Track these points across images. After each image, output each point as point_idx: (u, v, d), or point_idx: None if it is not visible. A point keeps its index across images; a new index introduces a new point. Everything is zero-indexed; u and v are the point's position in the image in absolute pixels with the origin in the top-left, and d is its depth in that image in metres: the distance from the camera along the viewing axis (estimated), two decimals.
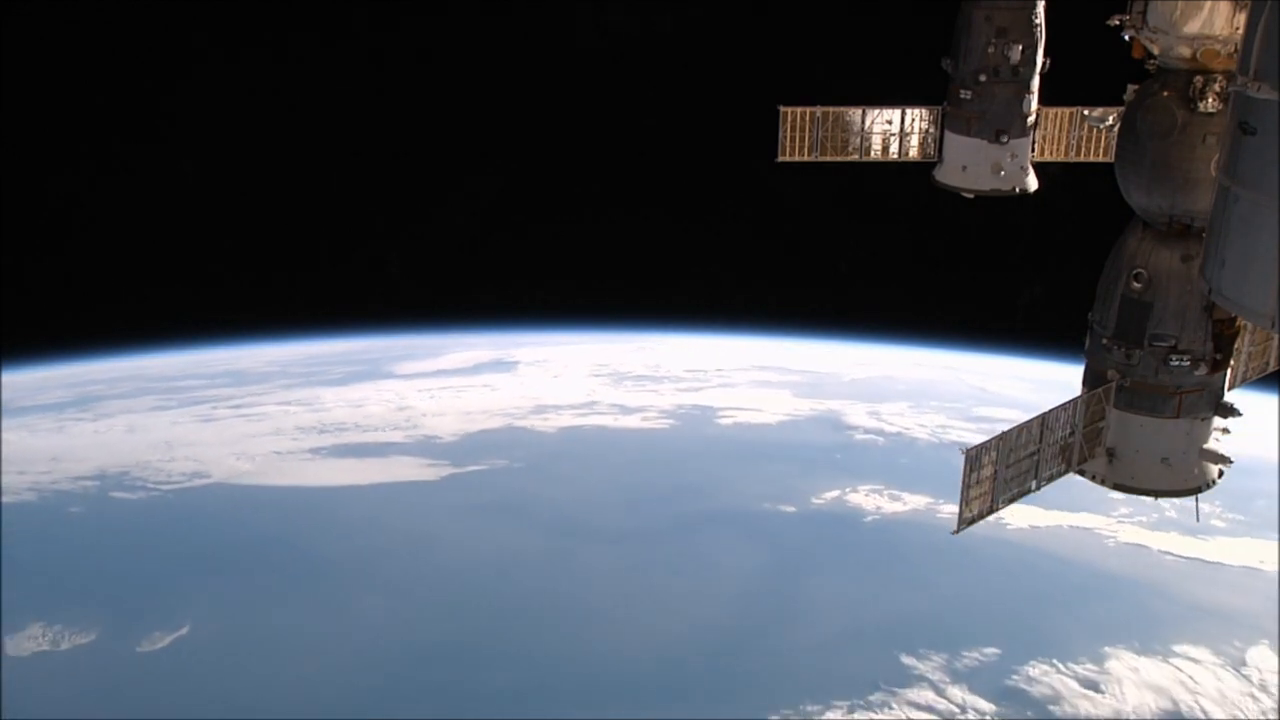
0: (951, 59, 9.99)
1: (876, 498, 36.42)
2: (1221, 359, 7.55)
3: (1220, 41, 7.05)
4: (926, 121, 10.42)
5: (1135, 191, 7.52)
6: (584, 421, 41.43)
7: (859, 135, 10.38)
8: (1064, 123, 10.28)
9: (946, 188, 10.44)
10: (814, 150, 10.34)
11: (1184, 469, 7.76)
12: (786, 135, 10.26)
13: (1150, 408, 7.62)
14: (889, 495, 36.52)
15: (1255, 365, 8.65)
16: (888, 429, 41.77)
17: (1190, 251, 7.27)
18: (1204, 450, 7.78)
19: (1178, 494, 7.84)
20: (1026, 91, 9.95)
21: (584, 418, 41.89)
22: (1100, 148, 10.21)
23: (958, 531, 7.42)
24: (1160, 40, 7.29)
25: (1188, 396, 7.56)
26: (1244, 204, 5.63)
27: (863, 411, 42.65)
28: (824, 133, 10.28)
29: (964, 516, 7.34)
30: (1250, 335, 8.26)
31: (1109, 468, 7.87)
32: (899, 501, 36.49)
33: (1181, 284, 7.32)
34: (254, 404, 44.29)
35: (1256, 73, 5.38)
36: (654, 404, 43.21)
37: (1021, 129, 10.06)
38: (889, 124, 10.43)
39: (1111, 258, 7.74)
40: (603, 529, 34.82)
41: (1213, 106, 7.05)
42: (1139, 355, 7.49)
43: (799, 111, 10.23)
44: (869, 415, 42.61)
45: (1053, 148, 10.35)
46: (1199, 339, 7.41)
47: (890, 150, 10.50)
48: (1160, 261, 7.40)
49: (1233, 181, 5.70)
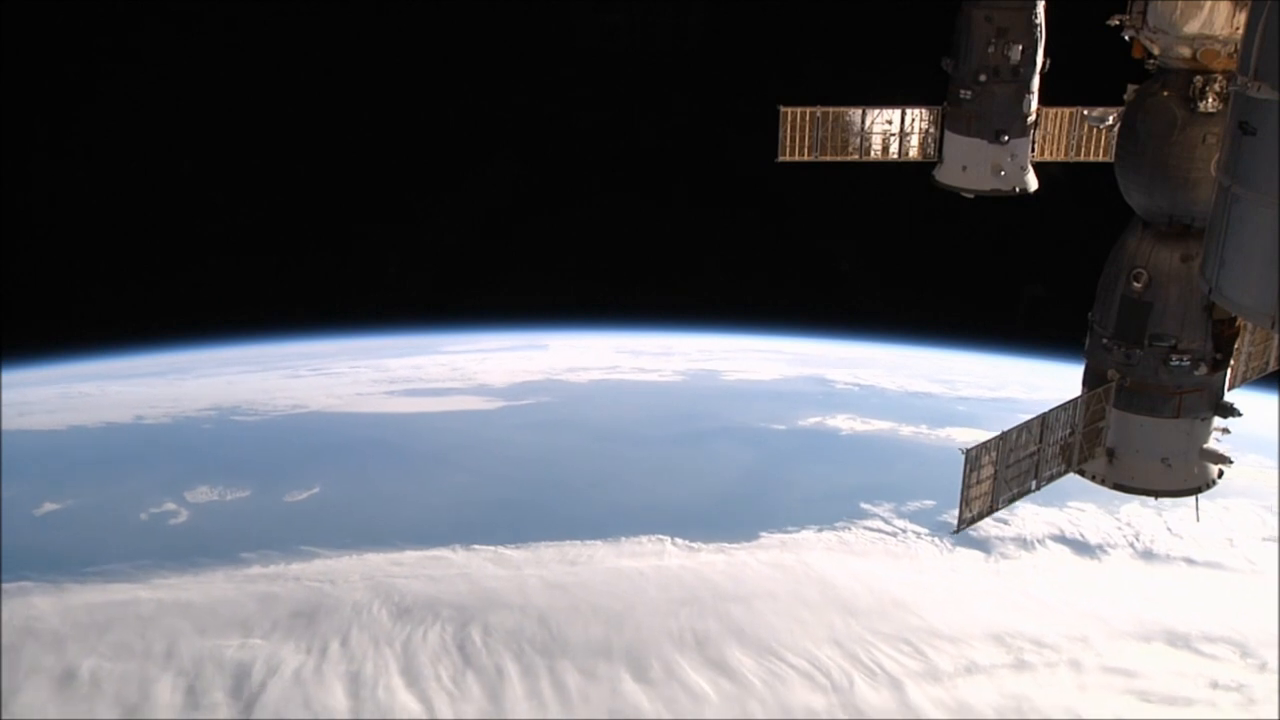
0: (951, 59, 9.98)
1: (850, 422, 45.05)
2: (1221, 359, 7.55)
3: (1220, 41, 7.06)
4: (926, 121, 10.41)
5: (1135, 191, 7.52)
6: (610, 377, 50.20)
7: (859, 135, 10.37)
8: (1064, 123, 10.27)
9: (946, 188, 10.44)
10: (814, 150, 10.33)
11: (1184, 469, 7.76)
12: (786, 135, 10.26)
13: (1150, 408, 7.62)
14: (860, 421, 45.31)
15: (1255, 365, 8.66)
16: (863, 383, 50.26)
17: (1190, 251, 7.27)
18: (1204, 450, 7.78)
19: (1178, 494, 7.85)
20: (1026, 91, 9.94)
21: (610, 375, 50.57)
22: (1100, 148, 10.21)
23: (958, 531, 7.42)
24: (1160, 40, 7.29)
25: (1188, 396, 7.56)
26: (1244, 204, 5.63)
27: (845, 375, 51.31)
28: (824, 133, 10.28)
29: (964, 516, 7.34)
30: (1250, 335, 8.26)
31: (1109, 468, 7.88)
32: (868, 424, 45.00)
33: (1181, 284, 7.32)
34: (327, 368, 52.00)
35: (1256, 73, 5.39)
36: (667, 368, 51.59)
37: (1021, 129, 10.05)
38: (889, 124, 10.42)
39: (1111, 258, 7.74)
40: (632, 435, 43.52)
41: (1213, 106, 7.06)
42: (1139, 355, 7.50)
43: (799, 111, 10.22)
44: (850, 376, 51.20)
45: (1053, 148, 10.34)
46: (1199, 339, 7.41)
47: (890, 150, 10.50)
48: (1160, 261, 7.40)
49: (1233, 181, 5.70)
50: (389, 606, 31.05)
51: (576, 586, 31.96)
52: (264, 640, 29.35)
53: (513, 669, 28.25)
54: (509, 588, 32.04)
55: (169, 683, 27.37)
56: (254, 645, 29.13)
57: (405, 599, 31.38)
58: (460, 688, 27.64)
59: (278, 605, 30.91)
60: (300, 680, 27.85)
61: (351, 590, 31.77)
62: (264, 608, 30.81)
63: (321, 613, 30.74)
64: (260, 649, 28.96)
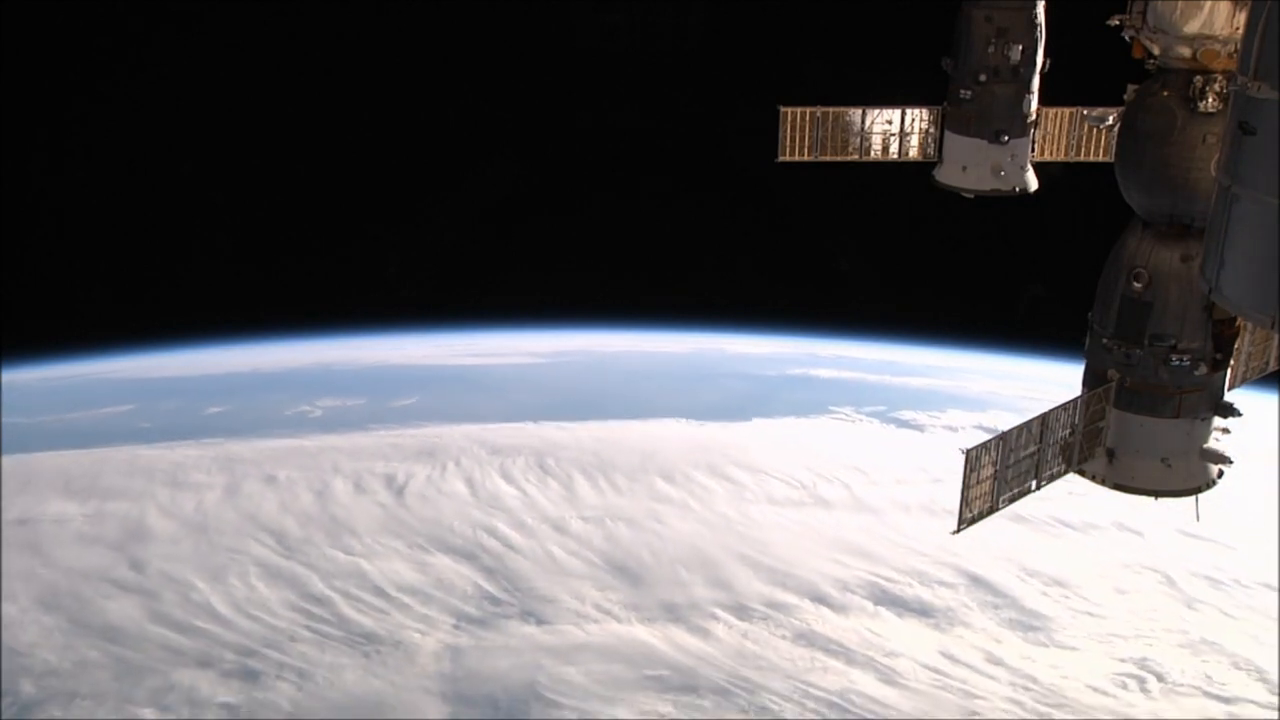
0: (951, 59, 9.97)
1: (833, 372, 53.09)
2: (1221, 359, 7.55)
3: (1220, 41, 7.06)
4: (926, 121, 10.40)
5: (1135, 191, 7.52)
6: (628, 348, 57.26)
7: (859, 135, 10.37)
8: (1064, 123, 10.26)
9: (946, 188, 10.43)
10: (814, 150, 10.32)
11: (1184, 469, 7.76)
12: (786, 135, 10.25)
13: (1150, 408, 7.62)
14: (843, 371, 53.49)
15: (1255, 365, 8.66)
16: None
17: (1190, 251, 7.26)
18: (1204, 450, 7.78)
19: (1178, 494, 7.85)
20: (1026, 91, 9.93)
21: None
22: (1100, 148, 10.20)
23: (958, 531, 7.42)
24: (1160, 40, 7.29)
25: (1188, 396, 7.56)
26: (1244, 204, 5.63)
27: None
28: (824, 133, 10.27)
29: (964, 517, 7.35)
30: (1250, 335, 8.26)
31: (1109, 468, 7.87)
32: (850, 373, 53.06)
33: (1181, 284, 7.32)
34: None
35: (1256, 73, 5.38)
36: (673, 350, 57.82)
37: (1021, 129, 10.05)
38: (889, 124, 10.41)
39: (1111, 258, 7.73)
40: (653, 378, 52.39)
41: (1213, 106, 7.06)
42: (1139, 355, 7.49)
43: (799, 111, 10.21)
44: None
45: (1053, 148, 10.33)
46: (1199, 339, 7.41)
47: (890, 150, 10.49)
48: (1160, 261, 7.40)
49: (1233, 181, 5.69)
50: (485, 447, 42.68)
51: (616, 439, 43.70)
52: (400, 463, 41.16)
53: (579, 477, 40.49)
54: (569, 439, 43.83)
55: (341, 484, 39.65)
56: (394, 465, 41.11)
57: (496, 444, 42.98)
58: (542, 488, 39.88)
59: (405, 448, 42.60)
60: (431, 481, 40.10)
61: (456, 441, 43.32)
62: (395, 449, 42.52)
63: (437, 451, 42.29)
64: (399, 467, 40.92)
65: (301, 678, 29.24)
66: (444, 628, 31.43)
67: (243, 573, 33.85)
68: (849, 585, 33.97)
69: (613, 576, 34.02)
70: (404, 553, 35.18)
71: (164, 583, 33.33)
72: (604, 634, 31.34)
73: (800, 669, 29.96)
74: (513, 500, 38.72)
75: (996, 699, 28.83)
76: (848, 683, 29.43)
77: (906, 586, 33.97)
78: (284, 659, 29.93)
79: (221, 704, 28.22)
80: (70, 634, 30.69)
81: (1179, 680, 29.29)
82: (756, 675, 29.62)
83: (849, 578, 34.38)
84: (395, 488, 39.35)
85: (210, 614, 31.83)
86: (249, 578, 33.65)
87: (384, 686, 28.91)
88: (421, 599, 32.67)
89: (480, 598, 32.91)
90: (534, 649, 30.53)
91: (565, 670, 29.52)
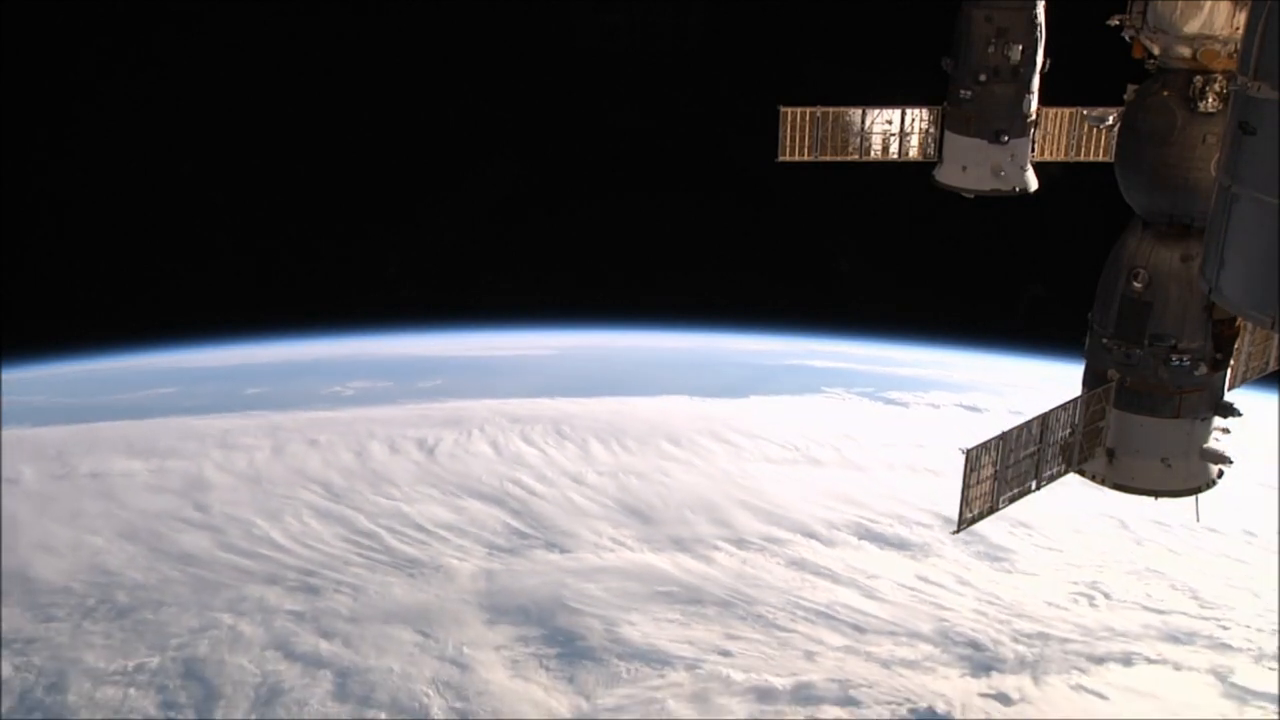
0: (951, 59, 9.95)
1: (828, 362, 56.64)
2: (1221, 359, 7.54)
3: (1220, 41, 7.05)
4: (926, 121, 10.38)
5: (1135, 191, 7.52)
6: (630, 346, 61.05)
7: (859, 135, 10.35)
8: (1064, 123, 10.24)
9: (946, 188, 10.42)
10: (814, 150, 10.30)
11: (1184, 469, 7.75)
12: (786, 135, 10.23)
13: (1150, 408, 7.60)
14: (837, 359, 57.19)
15: (1255, 365, 8.65)
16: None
17: (1190, 251, 7.25)
18: (1204, 450, 7.77)
19: (1178, 494, 7.84)
20: (1026, 91, 9.91)
21: None
22: (1100, 148, 10.19)
23: (958, 531, 7.41)
24: (1160, 40, 7.29)
25: (1188, 396, 7.55)
26: (1244, 204, 5.62)
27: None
28: (824, 133, 10.25)
29: (964, 516, 7.34)
30: (1250, 335, 8.25)
31: (1109, 468, 7.87)
32: None
33: (1181, 284, 7.31)
34: None
35: (1256, 73, 5.38)
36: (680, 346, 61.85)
37: (1021, 129, 10.03)
38: (889, 124, 10.39)
39: (1111, 258, 7.72)
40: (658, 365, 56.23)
41: (1213, 106, 7.05)
42: (1139, 355, 7.48)
43: (799, 111, 10.19)
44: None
45: (1053, 148, 10.31)
46: (1199, 339, 7.40)
47: (890, 150, 10.47)
48: (1160, 261, 7.39)
49: (1233, 181, 5.69)
50: (506, 417, 47.79)
51: (627, 411, 48.85)
52: (430, 429, 46.31)
53: (593, 441, 45.35)
54: (583, 411, 48.75)
55: (377, 446, 44.54)
56: (424, 431, 46.19)
57: (516, 414, 48.15)
58: (560, 449, 44.80)
59: (432, 418, 47.80)
60: (459, 443, 45.29)
61: (479, 412, 48.43)
62: (423, 418, 47.64)
63: (463, 420, 47.52)
64: (429, 432, 46.10)
65: (356, 591, 33.91)
66: (478, 555, 36.25)
67: (297, 513, 38.73)
68: (836, 525, 38.67)
69: (626, 517, 38.97)
70: (439, 498, 40.33)
71: (227, 521, 38.02)
72: (619, 560, 36.03)
73: (792, 587, 34.52)
74: (534, 459, 43.89)
75: (965, 611, 33.29)
76: (833, 598, 33.88)
77: (888, 526, 38.61)
78: (340, 577, 34.68)
79: (289, 611, 32.79)
80: (152, 559, 35.22)
81: (1123, 598, 34.13)
82: (754, 591, 34.08)
83: (836, 519, 39.06)
84: (426, 449, 44.66)
85: (272, 544, 36.53)
86: (303, 517, 38.55)
87: (429, 599, 33.51)
88: (457, 533, 37.62)
89: (509, 533, 37.79)
90: (558, 571, 35.14)
91: (586, 586, 34.10)
